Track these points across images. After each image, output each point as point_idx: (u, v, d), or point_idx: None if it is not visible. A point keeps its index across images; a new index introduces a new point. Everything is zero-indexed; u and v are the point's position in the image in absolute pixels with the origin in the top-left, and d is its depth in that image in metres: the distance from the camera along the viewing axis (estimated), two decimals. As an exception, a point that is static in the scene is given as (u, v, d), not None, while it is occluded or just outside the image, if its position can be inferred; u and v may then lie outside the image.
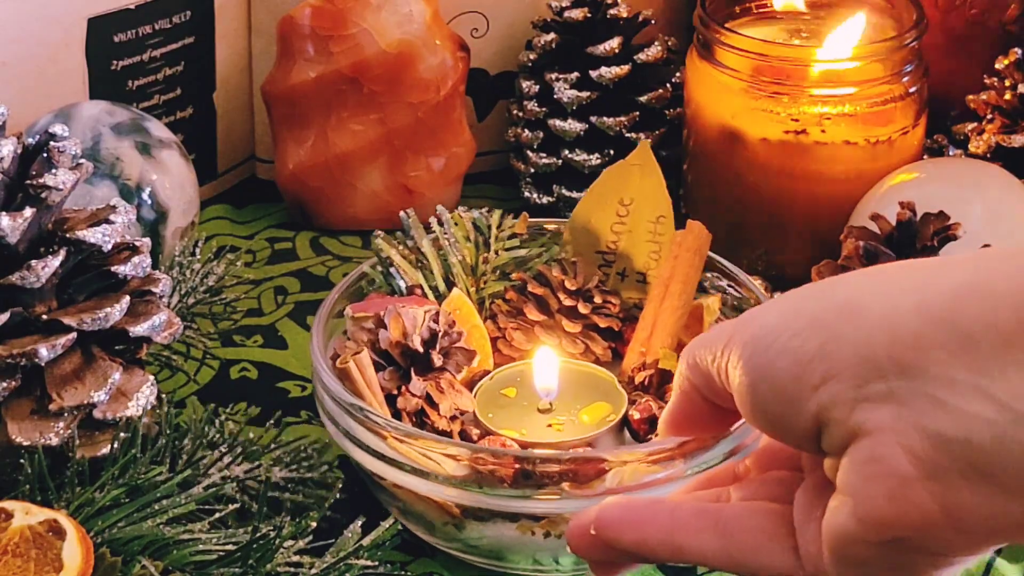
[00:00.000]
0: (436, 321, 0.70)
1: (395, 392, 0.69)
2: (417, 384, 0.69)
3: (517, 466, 0.64)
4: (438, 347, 0.70)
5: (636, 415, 0.69)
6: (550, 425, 0.70)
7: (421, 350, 0.69)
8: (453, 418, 0.70)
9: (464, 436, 0.69)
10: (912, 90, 0.88)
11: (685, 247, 0.73)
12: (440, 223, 0.78)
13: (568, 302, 0.75)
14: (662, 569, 0.71)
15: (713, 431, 0.53)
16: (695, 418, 0.50)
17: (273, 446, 0.71)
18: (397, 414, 0.69)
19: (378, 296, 0.76)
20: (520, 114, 0.99)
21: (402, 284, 0.76)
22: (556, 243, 0.79)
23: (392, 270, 0.76)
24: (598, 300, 0.75)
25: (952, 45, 0.96)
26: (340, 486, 0.71)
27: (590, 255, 0.78)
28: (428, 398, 0.69)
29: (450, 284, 0.76)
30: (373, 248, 0.77)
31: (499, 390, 0.73)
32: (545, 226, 0.81)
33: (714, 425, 0.50)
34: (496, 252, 0.78)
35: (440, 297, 0.76)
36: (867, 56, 0.87)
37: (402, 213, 0.78)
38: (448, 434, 0.69)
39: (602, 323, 0.75)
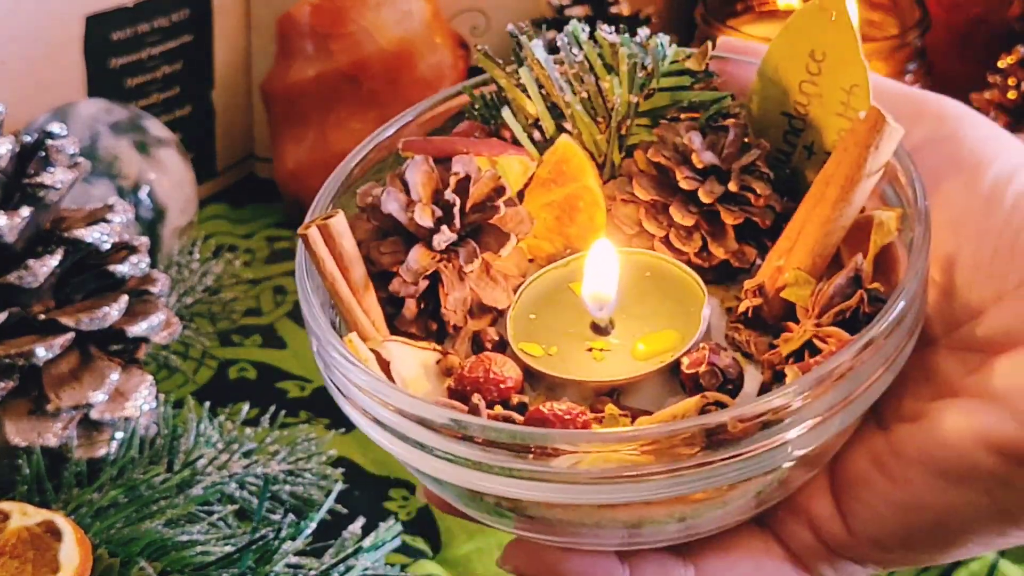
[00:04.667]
0: (468, 181, 0.50)
1: (394, 270, 0.50)
2: (418, 256, 0.49)
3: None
4: (458, 220, 0.50)
5: (685, 363, 0.49)
6: (590, 350, 0.51)
7: (431, 224, 0.50)
8: (470, 314, 0.51)
9: (479, 345, 0.51)
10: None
11: (856, 140, 0.52)
12: (575, 41, 0.57)
13: (686, 184, 0.53)
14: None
15: None
16: None
17: (269, 440, 0.70)
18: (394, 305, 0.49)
19: (468, 127, 0.56)
20: (520, 112, 0.98)
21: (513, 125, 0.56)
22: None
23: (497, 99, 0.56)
24: (733, 186, 0.53)
25: (955, 43, 0.96)
26: (339, 478, 0.70)
27: (776, 115, 0.56)
28: (437, 280, 0.50)
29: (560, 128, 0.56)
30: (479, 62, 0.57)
31: (568, 282, 0.53)
32: (727, 67, 0.57)
33: None
34: (652, 91, 0.56)
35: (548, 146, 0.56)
36: (869, 54, 0.87)
37: (511, 26, 0.57)
38: (446, 331, 0.51)
39: (728, 218, 0.53)
